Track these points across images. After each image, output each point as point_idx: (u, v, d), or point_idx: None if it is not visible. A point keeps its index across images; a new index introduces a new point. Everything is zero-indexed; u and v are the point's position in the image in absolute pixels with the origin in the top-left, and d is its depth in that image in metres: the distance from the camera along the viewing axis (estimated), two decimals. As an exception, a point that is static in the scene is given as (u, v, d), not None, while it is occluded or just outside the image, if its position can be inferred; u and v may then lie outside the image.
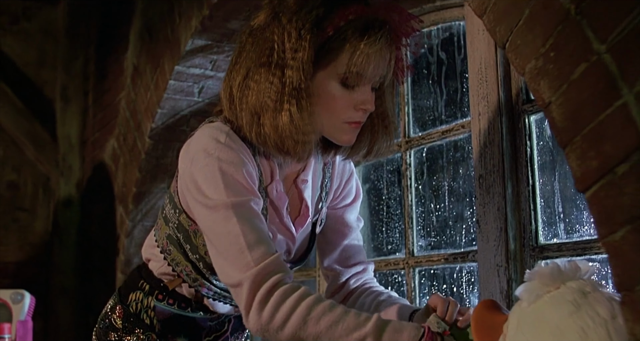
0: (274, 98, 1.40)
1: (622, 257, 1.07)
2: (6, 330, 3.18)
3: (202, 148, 1.45)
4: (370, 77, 1.43)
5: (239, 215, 1.39)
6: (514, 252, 1.98)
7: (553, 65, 1.21)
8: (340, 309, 1.35)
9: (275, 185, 1.54)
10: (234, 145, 1.45)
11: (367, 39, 1.39)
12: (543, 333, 1.18)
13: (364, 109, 1.46)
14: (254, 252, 1.37)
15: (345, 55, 1.40)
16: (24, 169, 4.51)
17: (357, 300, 1.74)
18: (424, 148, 2.49)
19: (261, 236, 1.40)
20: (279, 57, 1.40)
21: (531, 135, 2.00)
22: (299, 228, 1.63)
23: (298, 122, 1.40)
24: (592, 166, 1.12)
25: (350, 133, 1.48)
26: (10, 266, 4.37)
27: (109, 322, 1.69)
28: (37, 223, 4.51)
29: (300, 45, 1.38)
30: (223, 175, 1.41)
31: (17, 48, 4.53)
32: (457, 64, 2.44)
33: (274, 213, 1.56)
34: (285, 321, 1.34)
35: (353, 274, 1.77)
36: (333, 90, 1.43)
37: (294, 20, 1.39)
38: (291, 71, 1.38)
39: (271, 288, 1.35)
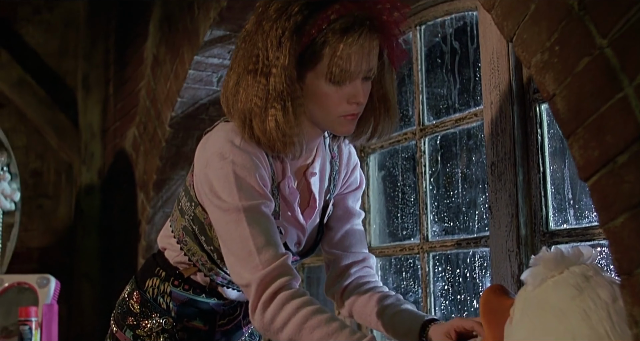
0: (260, 105, 1.46)
1: (622, 243, 1.11)
2: (33, 313, 3.25)
3: (217, 150, 1.51)
4: (356, 73, 1.47)
5: (250, 218, 1.46)
6: (524, 238, 2.03)
7: (557, 59, 1.24)
8: (336, 324, 1.40)
9: (287, 181, 1.59)
10: (249, 147, 1.51)
11: (346, 40, 1.43)
12: (547, 315, 1.23)
13: (356, 102, 1.50)
14: (262, 255, 1.44)
15: (327, 57, 1.45)
16: (47, 157, 4.58)
17: (359, 298, 1.75)
18: (438, 135, 2.53)
19: (270, 239, 1.46)
20: (263, 64, 1.45)
21: (542, 123, 2.03)
22: (307, 220, 1.67)
23: (283, 127, 1.46)
24: (593, 155, 1.16)
25: (347, 125, 1.54)
26: (35, 252, 4.45)
27: (126, 307, 1.75)
28: (60, 209, 4.58)
29: (280, 53, 1.43)
30: (237, 178, 1.47)
31: (39, 38, 4.59)
32: (470, 53, 2.47)
33: (285, 208, 1.61)
34: (284, 325, 1.41)
35: (353, 261, 1.79)
36: (323, 88, 1.48)
37: (274, 28, 1.44)
38: (274, 78, 1.44)
39: (276, 291, 1.43)
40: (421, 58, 2.58)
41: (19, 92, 4.44)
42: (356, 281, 1.79)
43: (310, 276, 3.36)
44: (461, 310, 2.54)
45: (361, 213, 1.85)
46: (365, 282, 1.79)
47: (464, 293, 2.52)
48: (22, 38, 4.56)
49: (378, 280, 1.83)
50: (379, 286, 1.79)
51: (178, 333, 1.71)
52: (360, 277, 1.79)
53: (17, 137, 4.52)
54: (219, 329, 1.75)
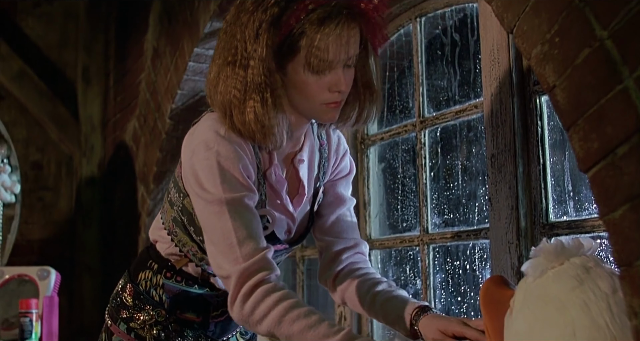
0: (239, 97, 1.48)
1: (622, 234, 1.11)
2: (33, 305, 3.26)
3: (203, 140, 1.52)
4: (335, 62, 1.48)
5: (232, 211, 1.48)
6: (524, 230, 2.03)
7: (558, 51, 1.24)
8: (315, 317, 1.43)
9: (274, 169, 1.60)
10: (234, 137, 1.52)
11: (323, 30, 1.44)
12: (547, 306, 1.23)
13: (338, 91, 1.51)
14: (243, 248, 1.46)
15: (305, 48, 1.46)
16: (48, 149, 4.59)
17: (351, 284, 1.76)
18: (438, 128, 2.53)
19: (251, 232, 1.48)
20: (242, 56, 1.47)
21: (542, 115, 2.03)
22: (297, 207, 1.68)
23: (262, 118, 1.47)
24: (593, 147, 1.16)
25: (331, 113, 1.55)
26: (35, 244, 4.46)
27: (120, 301, 1.76)
28: (60, 202, 4.59)
29: (258, 45, 1.44)
30: (221, 170, 1.49)
31: (39, 30, 4.59)
32: (471, 45, 2.47)
33: (273, 196, 1.62)
34: (263, 318, 1.44)
35: (345, 247, 1.79)
36: (304, 78, 1.49)
37: (251, 20, 1.45)
38: (252, 70, 1.45)
39: (255, 284, 1.45)
40: (421, 50, 2.57)
41: (19, 85, 4.44)
42: (348, 268, 1.79)
43: (311, 269, 3.37)
44: (461, 302, 2.54)
45: (352, 200, 1.85)
46: (357, 269, 1.78)
47: (464, 285, 2.53)
48: (22, 30, 4.56)
49: (370, 267, 1.83)
50: (371, 273, 1.78)
51: (171, 325, 1.72)
52: (353, 263, 1.79)
53: (18, 129, 4.52)
54: (213, 320, 1.76)
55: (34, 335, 3.25)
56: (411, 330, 1.63)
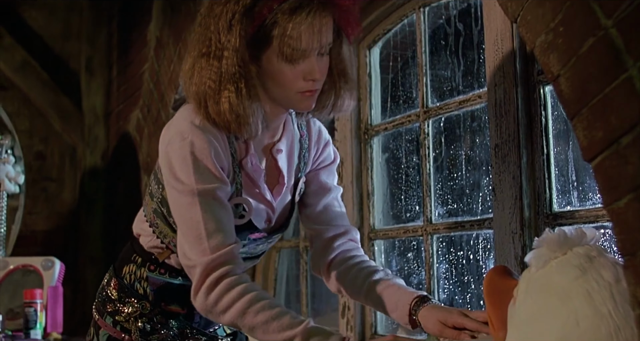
0: (213, 87, 1.49)
1: (625, 224, 1.11)
2: (38, 295, 3.28)
3: (178, 131, 1.54)
4: (308, 50, 1.50)
5: (203, 203, 1.50)
6: (528, 219, 2.03)
7: (562, 40, 1.24)
8: (279, 309, 1.47)
9: (250, 158, 1.61)
10: (209, 127, 1.54)
11: (294, 19, 1.45)
12: (550, 296, 1.23)
13: (313, 79, 1.53)
14: (211, 240, 1.49)
15: (278, 37, 1.47)
16: (51, 140, 4.59)
17: (347, 273, 1.76)
18: (442, 118, 2.53)
19: (220, 226, 1.50)
20: (216, 47, 1.49)
21: (546, 105, 2.03)
22: (277, 197, 1.69)
23: (237, 108, 1.49)
24: (597, 137, 1.16)
25: (307, 101, 1.56)
26: (39, 235, 4.48)
27: (105, 295, 1.78)
28: (64, 192, 4.60)
29: (231, 36, 1.47)
30: (194, 160, 1.50)
31: (42, 21, 4.58)
32: (474, 35, 2.46)
33: (250, 185, 1.63)
34: (227, 309, 1.48)
35: (336, 234, 1.80)
36: (278, 67, 1.51)
37: (224, 11, 1.47)
38: (226, 60, 1.48)
39: (220, 276, 1.48)
40: (425, 40, 2.57)
41: (22, 76, 4.44)
42: (341, 256, 1.79)
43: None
44: (464, 292, 2.55)
45: (338, 188, 1.85)
46: (351, 256, 1.78)
47: (468, 275, 2.53)
48: (25, 21, 4.56)
49: (364, 254, 1.83)
50: (366, 261, 1.79)
51: (156, 317, 1.73)
52: (346, 251, 1.80)
53: (21, 120, 4.53)
54: (197, 312, 1.72)
55: (38, 324, 3.26)
56: (410, 320, 1.64)
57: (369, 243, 2.81)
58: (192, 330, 1.76)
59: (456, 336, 1.57)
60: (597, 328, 1.15)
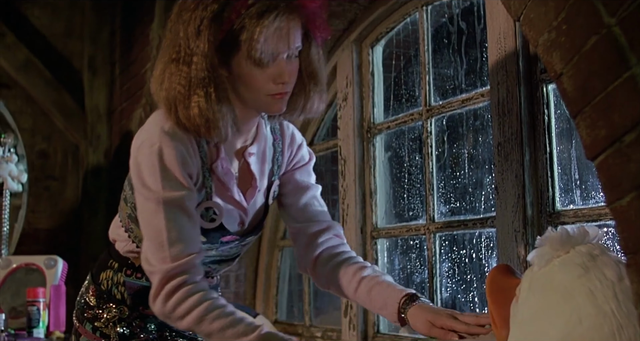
0: (183, 92, 1.51)
1: (629, 222, 1.11)
2: (40, 293, 3.28)
3: (148, 137, 1.56)
4: (276, 54, 1.52)
5: (168, 211, 1.53)
6: (531, 218, 2.03)
7: (565, 38, 1.24)
8: (233, 317, 1.53)
9: (220, 162, 1.63)
10: (178, 132, 1.56)
11: (261, 23, 1.47)
12: (553, 295, 1.23)
13: (282, 82, 1.55)
14: (172, 249, 1.52)
15: (246, 42, 1.49)
16: (54, 138, 4.60)
17: (335, 270, 1.75)
18: (445, 116, 2.53)
19: (182, 235, 1.54)
20: (185, 53, 1.51)
21: (549, 103, 2.03)
22: (249, 200, 1.70)
23: (206, 112, 1.50)
24: (600, 135, 1.16)
25: (277, 104, 1.58)
26: (42, 233, 4.48)
27: (84, 302, 1.79)
28: (67, 191, 4.61)
29: (200, 41, 1.49)
30: (162, 167, 1.53)
31: (45, 20, 4.59)
32: (477, 33, 2.46)
33: (222, 188, 1.65)
34: (184, 315, 1.53)
35: (319, 229, 1.80)
36: (248, 71, 1.52)
37: (193, 17, 1.50)
38: (195, 66, 1.50)
39: (179, 285, 1.53)
40: (428, 38, 2.57)
41: (25, 74, 4.45)
42: (327, 252, 1.79)
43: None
44: (467, 291, 2.55)
45: (317, 187, 1.86)
46: (338, 253, 1.79)
47: (470, 274, 2.53)
48: (28, 20, 4.56)
49: (350, 249, 1.82)
50: (354, 257, 1.79)
51: (135, 322, 1.75)
52: (332, 247, 1.80)
53: (24, 118, 4.53)
54: None
55: (41, 323, 3.26)
56: (399, 318, 1.65)
57: (372, 241, 2.81)
58: (171, 333, 1.77)
59: (444, 336, 1.57)
60: (599, 327, 1.15)
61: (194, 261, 1.55)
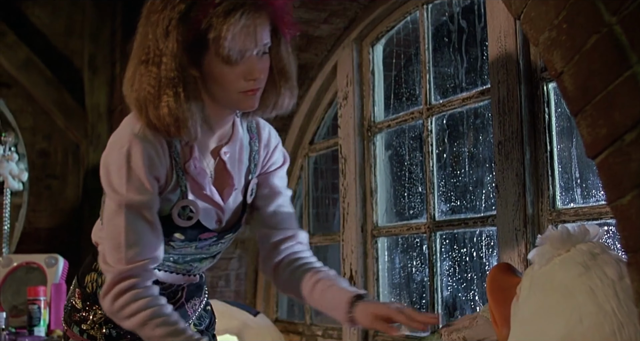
0: (153, 93, 1.53)
1: (629, 220, 1.11)
2: (41, 292, 3.28)
3: (118, 139, 1.59)
4: (245, 51, 1.53)
5: (128, 215, 1.56)
6: (531, 217, 2.03)
7: (566, 37, 1.24)
8: (176, 327, 1.57)
9: (193, 162, 1.64)
10: (148, 135, 1.57)
11: (228, 22, 1.49)
12: (553, 293, 1.23)
13: (253, 79, 1.56)
14: (128, 251, 1.56)
15: (214, 40, 1.51)
16: (54, 137, 4.59)
17: (292, 275, 1.78)
18: (445, 115, 2.53)
19: (139, 239, 1.57)
20: (154, 54, 1.53)
21: (549, 102, 2.03)
22: (227, 199, 1.71)
23: (176, 112, 1.52)
24: (601, 133, 1.16)
25: (249, 101, 1.59)
26: (43, 232, 4.47)
27: (71, 306, 1.80)
28: (68, 189, 4.60)
29: (169, 42, 1.51)
30: (128, 170, 1.56)
31: (45, 18, 4.58)
32: (478, 32, 2.46)
33: (196, 187, 1.66)
34: (130, 317, 1.57)
35: (283, 238, 1.82)
36: (219, 69, 1.54)
37: (161, 18, 1.52)
38: (164, 66, 1.52)
39: (129, 287, 1.57)
40: (428, 37, 2.57)
41: (25, 73, 4.44)
42: (288, 258, 1.81)
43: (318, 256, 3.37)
44: (468, 289, 2.55)
45: (288, 192, 1.87)
46: (296, 258, 1.80)
47: (471, 272, 2.53)
48: (29, 19, 4.55)
49: (310, 255, 1.84)
50: (311, 262, 1.80)
51: None
52: (292, 254, 1.81)
53: (25, 117, 4.52)
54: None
55: (42, 322, 3.26)
56: (348, 317, 1.66)
57: (372, 240, 2.81)
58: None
59: (387, 330, 1.60)
60: (600, 326, 1.15)
61: (148, 266, 1.59)
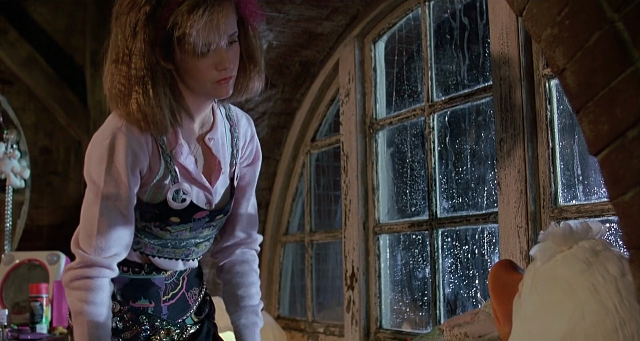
0: (123, 90, 1.63)
1: (631, 217, 1.11)
2: (44, 289, 3.28)
3: (102, 132, 1.68)
4: (212, 43, 1.61)
5: (104, 205, 1.66)
6: (533, 214, 2.03)
7: (568, 33, 1.24)
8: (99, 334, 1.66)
9: (179, 149, 1.72)
10: (131, 129, 1.66)
11: (192, 17, 1.57)
12: (556, 290, 1.23)
13: (224, 68, 1.65)
14: (97, 241, 1.66)
15: (181, 37, 1.59)
16: (56, 134, 4.59)
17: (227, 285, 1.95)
18: (447, 112, 2.53)
19: (110, 232, 1.67)
20: (124, 53, 1.62)
21: (551, 99, 2.03)
22: (214, 182, 1.79)
23: (144, 108, 1.61)
24: (603, 130, 1.16)
25: (224, 89, 1.68)
26: (45, 229, 4.47)
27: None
28: (70, 187, 4.60)
29: (137, 41, 1.60)
30: (108, 162, 1.65)
31: (47, 15, 4.58)
32: (480, 29, 2.46)
33: (185, 172, 1.74)
34: (74, 300, 1.68)
35: (239, 242, 1.95)
36: (191, 62, 1.63)
37: (128, 20, 1.61)
38: (134, 64, 1.61)
39: (89, 276, 1.67)
40: (430, 34, 2.57)
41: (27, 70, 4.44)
42: (231, 264, 1.95)
43: (320, 253, 3.38)
44: (470, 286, 2.55)
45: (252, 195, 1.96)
46: (237, 272, 1.94)
47: (473, 269, 2.53)
48: (30, 16, 4.55)
49: (252, 270, 1.96)
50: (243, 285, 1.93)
51: (126, 315, 1.79)
52: (239, 262, 1.95)
53: (26, 115, 4.52)
54: (165, 304, 1.83)
55: (44, 319, 3.27)
56: None
57: (374, 237, 2.82)
58: (162, 322, 1.82)
59: None
60: (602, 322, 1.15)
61: (112, 261, 1.69)
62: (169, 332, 1.82)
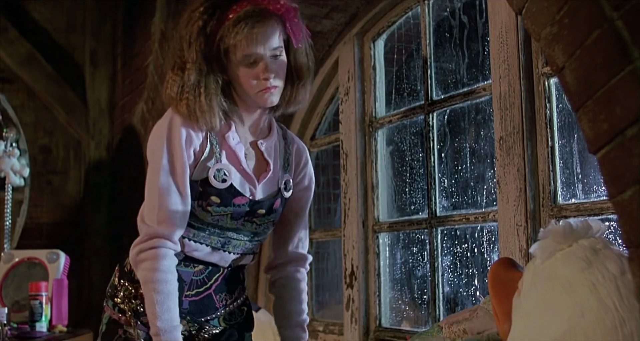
0: (177, 92, 1.81)
1: (631, 215, 1.11)
2: (43, 287, 3.29)
3: (162, 120, 1.85)
4: (256, 56, 1.78)
5: (164, 178, 1.79)
6: (533, 212, 2.03)
7: (567, 31, 1.24)
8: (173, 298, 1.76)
9: (231, 134, 1.86)
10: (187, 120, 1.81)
11: (236, 31, 1.75)
12: (555, 288, 1.23)
13: (266, 78, 1.79)
14: (159, 213, 1.78)
15: (229, 49, 1.78)
16: (56, 133, 4.59)
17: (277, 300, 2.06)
18: (447, 110, 2.53)
19: (170, 205, 1.78)
20: (181, 61, 1.82)
21: (551, 97, 2.03)
22: (261, 180, 1.90)
23: (194, 108, 1.79)
24: (602, 128, 1.16)
25: (268, 98, 1.83)
26: (44, 227, 4.48)
27: (111, 283, 1.97)
28: (69, 185, 4.61)
29: (191, 51, 1.79)
30: (168, 141, 1.80)
31: (47, 14, 4.58)
32: (479, 27, 2.46)
33: (232, 156, 1.87)
34: (144, 270, 1.77)
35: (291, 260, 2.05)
36: (239, 72, 1.81)
37: (185, 32, 1.81)
38: (187, 71, 1.80)
39: (155, 246, 1.77)
40: (429, 33, 2.57)
41: (27, 69, 4.44)
42: (282, 280, 2.05)
43: (319, 252, 3.38)
44: (469, 285, 2.55)
45: (306, 217, 2.07)
46: (288, 289, 2.04)
47: (472, 268, 2.53)
48: (30, 14, 4.55)
49: (301, 287, 2.05)
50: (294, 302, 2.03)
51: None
52: (290, 279, 2.05)
53: (26, 113, 4.53)
54: (186, 298, 1.86)
55: (43, 317, 3.27)
56: None
57: (373, 235, 2.82)
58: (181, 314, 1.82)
59: None
60: (602, 321, 1.15)
61: (174, 232, 1.78)
62: (186, 325, 1.86)
